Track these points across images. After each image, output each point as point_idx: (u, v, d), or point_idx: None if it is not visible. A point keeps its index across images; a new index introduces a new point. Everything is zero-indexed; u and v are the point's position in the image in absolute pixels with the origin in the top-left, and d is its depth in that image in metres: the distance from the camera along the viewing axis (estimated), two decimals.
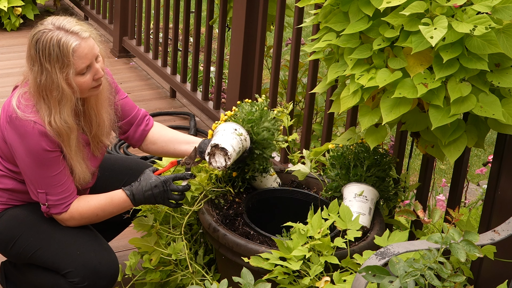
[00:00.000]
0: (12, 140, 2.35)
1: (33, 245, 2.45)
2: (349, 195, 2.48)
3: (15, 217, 2.48)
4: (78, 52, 2.28)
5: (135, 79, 4.88)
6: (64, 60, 2.27)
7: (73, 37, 2.28)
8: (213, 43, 5.57)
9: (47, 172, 2.36)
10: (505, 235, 2.05)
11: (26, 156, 2.34)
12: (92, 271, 2.41)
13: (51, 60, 2.27)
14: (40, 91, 2.32)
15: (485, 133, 2.22)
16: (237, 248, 2.33)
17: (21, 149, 2.34)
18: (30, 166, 2.36)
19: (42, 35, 2.28)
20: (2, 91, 4.50)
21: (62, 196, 2.41)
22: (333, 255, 2.24)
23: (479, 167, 4.36)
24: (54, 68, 2.27)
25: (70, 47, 2.26)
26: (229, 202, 2.60)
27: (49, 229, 2.47)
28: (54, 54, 2.26)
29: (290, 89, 3.33)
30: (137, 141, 2.70)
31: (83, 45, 2.29)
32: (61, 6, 6.25)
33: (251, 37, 3.52)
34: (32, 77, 2.32)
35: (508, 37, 2.02)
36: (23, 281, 2.60)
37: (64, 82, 2.29)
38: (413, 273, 1.76)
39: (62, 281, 2.43)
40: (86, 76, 2.33)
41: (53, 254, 2.44)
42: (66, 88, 2.30)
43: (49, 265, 2.45)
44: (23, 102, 2.34)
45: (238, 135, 2.46)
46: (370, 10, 2.17)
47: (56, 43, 2.26)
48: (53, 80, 2.28)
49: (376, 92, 2.21)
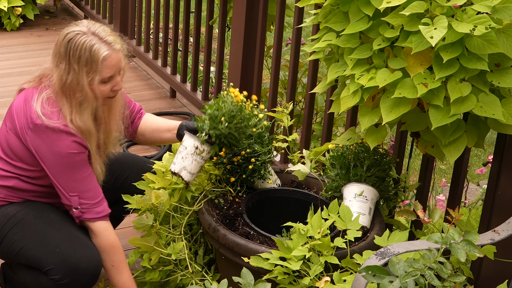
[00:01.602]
0: (38, 146, 2.37)
1: (18, 243, 2.46)
2: (349, 195, 2.48)
3: (5, 214, 2.49)
4: (107, 62, 2.34)
5: (135, 79, 4.88)
6: (93, 65, 2.32)
7: (105, 46, 2.34)
8: (213, 43, 5.57)
9: (77, 175, 2.40)
10: (505, 235, 2.05)
11: (55, 160, 2.37)
12: (72, 268, 2.41)
13: (80, 62, 2.32)
14: (64, 90, 2.37)
15: (485, 133, 2.22)
16: (237, 248, 2.33)
17: (49, 155, 2.37)
18: (59, 171, 2.39)
19: (75, 36, 2.33)
20: (2, 91, 4.50)
21: (95, 201, 2.44)
22: (333, 255, 2.24)
23: (479, 167, 4.36)
24: (81, 71, 2.33)
25: (101, 55, 2.32)
26: (229, 202, 2.60)
27: (33, 226, 2.47)
28: (84, 58, 2.32)
29: (290, 89, 3.33)
30: (131, 135, 2.78)
31: (113, 56, 2.35)
32: (61, 6, 6.25)
33: (251, 37, 3.52)
34: (58, 74, 2.36)
35: (508, 37, 2.02)
36: (16, 281, 2.61)
37: (88, 86, 2.35)
38: (413, 273, 1.76)
39: (44, 279, 2.44)
40: (107, 85, 2.39)
41: (35, 252, 2.44)
42: (89, 92, 2.36)
43: (32, 262, 2.46)
44: (48, 108, 2.37)
45: (198, 153, 2.52)
46: (370, 10, 2.17)
47: (89, 48, 2.32)
48: (79, 81, 2.34)
49: (376, 92, 2.21)
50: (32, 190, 2.50)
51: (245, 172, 2.61)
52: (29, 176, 2.48)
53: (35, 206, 2.51)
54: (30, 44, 5.35)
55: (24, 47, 5.30)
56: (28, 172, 2.47)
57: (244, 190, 2.65)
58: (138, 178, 2.71)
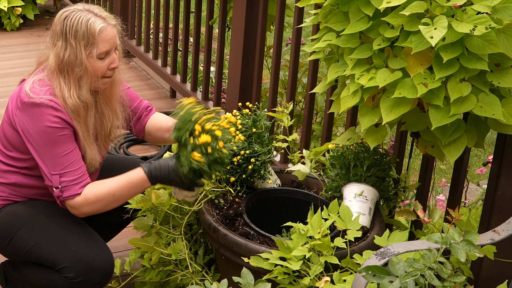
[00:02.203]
0: (24, 123, 2.37)
1: (29, 241, 2.46)
2: (349, 195, 2.48)
3: (12, 213, 2.49)
4: (103, 34, 2.38)
5: (135, 79, 4.88)
6: (90, 38, 2.36)
7: (100, 19, 2.39)
8: (213, 43, 5.57)
9: (59, 150, 2.37)
10: (505, 235, 2.05)
11: (38, 136, 2.36)
12: (87, 266, 2.41)
13: (77, 37, 2.35)
14: (61, 67, 2.38)
15: (485, 133, 2.22)
16: (237, 248, 2.34)
17: (33, 130, 2.36)
18: (42, 146, 2.37)
19: (71, 13, 2.38)
20: (2, 91, 4.51)
21: (75, 176, 2.39)
22: (333, 255, 2.24)
23: (479, 167, 4.36)
24: (79, 45, 2.36)
25: (97, 27, 2.36)
26: (229, 202, 2.60)
27: (45, 225, 2.47)
28: (81, 32, 2.35)
29: (290, 89, 3.33)
30: (138, 133, 2.75)
31: (108, 29, 2.39)
32: (61, 6, 6.25)
33: (251, 37, 3.52)
34: (55, 53, 2.38)
35: (508, 37, 2.02)
36: (21, 280, 2.60)
37: (87, 60, 2.37)
38: (413, 273, 1.76)
39: (57, 277, 2.44)
40: (104, 62, 2.41)
41: (48, 250, 2.44)
42: (88, 65, 2.37)
43: (44, 261, 2.45)
44: (38, 87, 2.38)
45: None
46: (370, 10, 2.17)
47: (85, 22, 2.36)
48: (77, 56, 2.36)
49: (376, 92, 2.21)
50: (34, 186, 2.50)
51: (245, 172, 2.61)
52: (26, 167, 2.47)
53: (44, 205, 2.51)
54: (30, 44, 5.35)
55: (24, 47, 5.31)
56: (24, 162, 2.46)
57: (244, 190, 2.65)
58: None
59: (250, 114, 2.68)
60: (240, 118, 2.66)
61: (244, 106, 3.05)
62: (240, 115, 2.68)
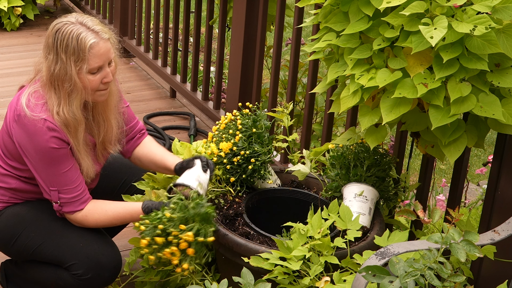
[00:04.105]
0: (21, 139, 2.36)
1: (35, 240, 2.46)
2: (349, 195, 2.48)
3: (15, 214, 2.49)
4: (95, 50, 2.32)
5: (135, 79, 4.88)
6: (80, 54, 2.30)
7: (92, 34, 2.32)
8: (213, 43, 5.57)
9: (57, 169, 2.37)
10: (505, 235, 2.05)
11: (35, 154, 2.35)
12: (96, 262, 2.42)
13: (67, 52, 2.31)
14: (52, 81, 2.35)
15: (485, 133, 2.22)
16: (237, 248, 2.34)
17: (30, 147, 2.35)
18: (40, 165, 2.37)
19: (63, 26, 2.33)
20: (2, 91, 4.50)
21: (75, 194, 2.41)
22: (333, 255, 2.24)
23: (479, 167, 4.36)
24: (69, 60, 2.31)
25: (88, 43, 2.30)
26: (229, 202, 2.60)
27: (51, 224, 2.47)
28: (72, 47, 2.30)
29: (290, 89, 3.33)
30: (126, 152, 2.71)
31: (100, 44, 2.33)
32: (61, 6, 6.25)
33: (251, 37, 3.52)
34: (46, 65, 2.35)
35: (508, 37, 2.02)
36: (25, 279, 2.60)
37: (77, 75, 2.32)
38: (413, 273, 1.76)
39: (65, 274, 2.44)
40: (96, 76, 2.35)
41: (56, 248, 2.44)
42: (78, 81, 2.33)
43: (52, 259, 2.46)
44: (33, 101, 2.36)
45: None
46: (370, 10, 2.17)
47: (76, 37, 2.30)
48: (67, 71, 2.32)
49: (376, 92, 2.21)
50: (35, 191, 2.50)
51: (245, 172, 2.61)
52: (26, 177, 2.47)
53: (46, 205, 2.51)
54: (30, 44, 5.35)
55: (24, 47, 5.30)
56: (23, 172, 2.46)
57: (244, 190, 2.65)
58: None
59: (250, 114, 2.69)
60: (240, 118, 2.67)
61: (244, 106, 3.06)
62: (240, 115, 2.69)
